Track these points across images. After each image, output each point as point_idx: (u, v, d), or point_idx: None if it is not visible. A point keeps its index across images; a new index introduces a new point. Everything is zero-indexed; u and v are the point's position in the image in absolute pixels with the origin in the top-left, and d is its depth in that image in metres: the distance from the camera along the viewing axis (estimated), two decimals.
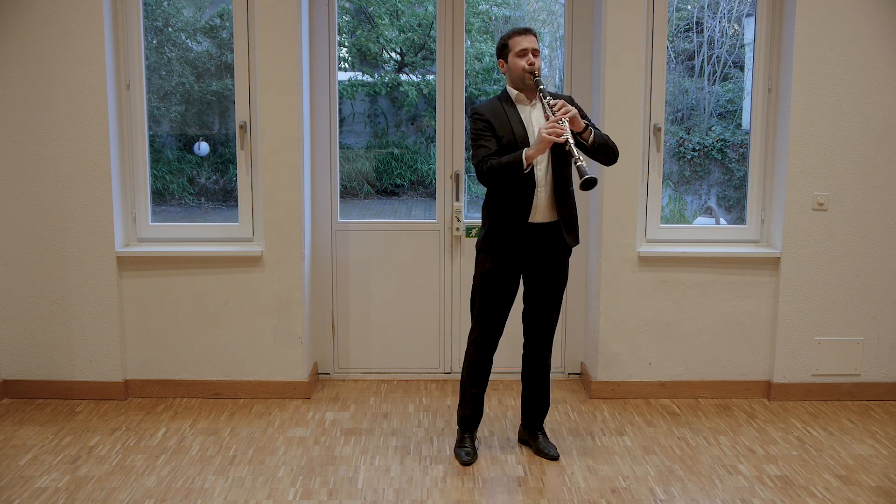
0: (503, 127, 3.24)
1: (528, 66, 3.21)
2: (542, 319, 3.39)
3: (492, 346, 3.39)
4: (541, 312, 3.39)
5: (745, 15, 4.69)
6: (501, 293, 3.31)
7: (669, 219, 4.63)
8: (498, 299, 3.32)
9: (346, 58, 4.87)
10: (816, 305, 4.09)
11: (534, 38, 3.27)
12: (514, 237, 3.24)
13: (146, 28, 4.15)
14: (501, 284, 3.30)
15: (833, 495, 3.15)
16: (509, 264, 3.29)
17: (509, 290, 3.33)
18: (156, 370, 4.15)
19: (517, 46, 3.24)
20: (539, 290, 3.36)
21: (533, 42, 3.25)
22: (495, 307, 3.32)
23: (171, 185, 4.63)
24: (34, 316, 4.06)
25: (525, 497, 3.13)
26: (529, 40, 3.24)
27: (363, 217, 4.67)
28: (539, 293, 3.36)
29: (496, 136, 3.24)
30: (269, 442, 3.62)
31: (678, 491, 3.18)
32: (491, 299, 3.31)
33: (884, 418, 3.94)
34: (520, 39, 3.25)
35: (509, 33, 3.30)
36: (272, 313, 4.10)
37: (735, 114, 4.80)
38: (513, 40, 3.26)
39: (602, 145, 3.22)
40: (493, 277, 3.30)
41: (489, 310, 3.32)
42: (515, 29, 3.30)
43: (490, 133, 3.24)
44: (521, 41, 3.24)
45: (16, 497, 3.09)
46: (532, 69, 3.21)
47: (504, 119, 3.25)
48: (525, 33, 3.27)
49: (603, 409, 4.05)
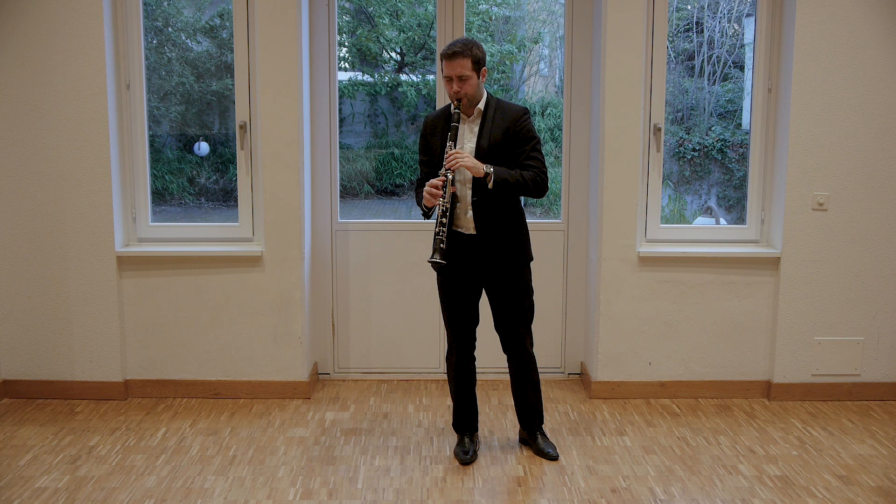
0: (436, 142, 3.30)
1: (451, 94, 3.17)
2: (508, 329, 3.39)
3: (465, 352, 3.41)
4: (505, 323, 3.39)
5: (745, 15, 4.69)
6: (455, 303, 3.35)
7: (669, 219, 4.63)
8: (455, 309, 3.36)
9: (346, 58, 4.87)
10: (816, 305, 4.09)
11: (462, 60, 3.11)
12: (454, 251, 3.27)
13: (146, 28, 4.14)
14: (453, 294, 3.35)
15: (833, 495, 3.15)
16: (456, 276, 3.32)
17: (464, 299, 3.35)
18: (156, 370, 4.15)
19: (444, 71, 3.18)
20: (498, 302, 3.38)
21: (458, 68, 3.11)
22: (455, 317, 3.38)
23: (171, 185, 4.63)
24: (34, 316, 4.06)
25: (525, 497, 3.13)
26: (452, 67, 3.12)
27: (363, 217, 4.67)
28: (498, 304, 3.38)
29: (431, 151, 3.31)
30: (269, 442, 3.63)
31: (678, 491, 3.18)
32: (449, 310, 3.38)
33: (884, 418, 3.94)
34: (445, 65, 3.16)
35: (441, 53, 3.20)
36: (272, 313, 4.10)
37: (735, 114, 4.80)
38: (442, 63, 3.19)
39: (507, 187, 3.15)
40: (445, 288, 3.38)
41: (451, 320, 3.39)
42: (445, 50, 3.17)
43: (426, 151, 3.34)
44: (447, 68, 3.15)
45: (16, 497, 3.09)
46: (456, 96, 3.16)
47: (439, 133, 3.28)
48: (451, 58, 3.12)
49: (603, 409, 4.05)
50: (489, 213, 3.25)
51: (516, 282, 3.33)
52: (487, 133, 3.22)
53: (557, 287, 4.38)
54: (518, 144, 3.23)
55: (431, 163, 3.33)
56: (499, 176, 3.13)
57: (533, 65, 5.04)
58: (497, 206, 3.25)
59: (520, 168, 3.22)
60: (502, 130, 3.22)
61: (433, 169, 3.31)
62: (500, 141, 3.21)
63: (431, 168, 3.33)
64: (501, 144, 3.21)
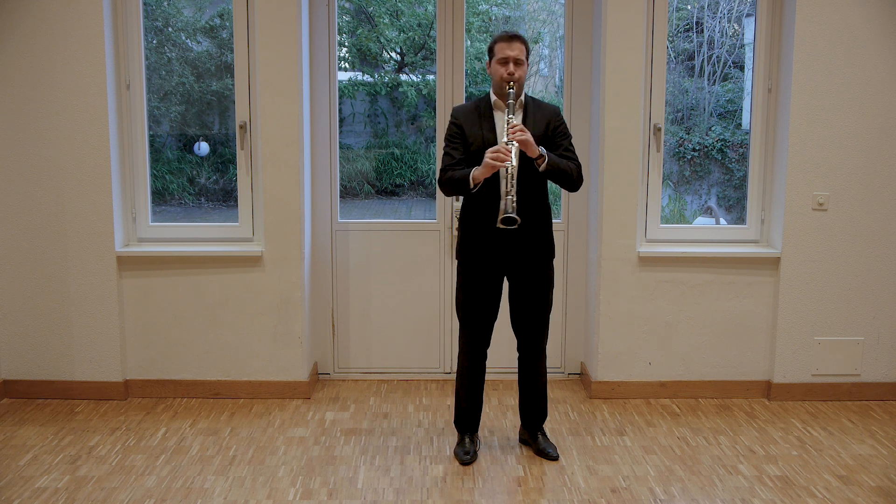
0: (474, 133, 3.26)
1: (505, 76, 3.19)
2: (528, 323, 3.39)
3: (478, 350, 3.40)
4: (525, 316, 3.39)
5: (745, 15, 4.69)
6: (481, 299, 3.34)
7: (669, 219, 4.63)
8: (479, 306, 3.34)
9: (346, 58, 4.87)
10: (816, 305, 4.09)
11: (520, 45, 3.20)
12: (486, 243, 3.27)
13: (146, 28, 4.14)
14: (479, 289, 3.33)
15: (833, 495, 3.15)
16: (484, 270, 3.31)
17: (489, 296, 3.34)
18: (156, 370, 4.15)
19: (499, 53, 3.20)
20: (520, 294, 3.37)
21: (517, 50, 3.18)
22: (477, 313, 3.35)
23: (171, 185, 4.63)
24: (34, 316, 4.06)
25: (525, 497, 3.13)
26: (513, 48, 3.18)
27: (363, 217, 4.67)
28: (521, 297, 3.37)
29: (466, 142, 3.27)
30: (269, 442, 3.63)
31: (678, 491, 3.18)
32: (471, 306, 3.35)
33: (884, 418, 3.94)
34: (503, 46, 3.20)
35: (496, 37, 3.25)
36: (272, 313, 4.10)
37: (735, 114, 4.80)
38: (497, 45, 3.22)
39: (556, 173, 3.20)
40: (471, 283, 3.34)
41: (471, 316, 3.36)
42: (503, 34, 3.24)
43: (459, 141, 3.28)
44: (504, 49, 3.20)
45: (16, 497, 3.09)
46: (510, 79, 3.18)
47: (477, 125, 3.26)
48: (510, 40, 3.20)
49: (603, 409, 4.05)
50: (528, 203, 3.25)
51: (545, 273, 3.36)
52: (530, 126, 3.24)
53: (557, 287, 4.37)
54: (557, 139, 3.30)
55: (467, 153, 3.26)
56: (551, 160, 3.18)
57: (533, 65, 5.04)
58: (535, 196, 3.27)
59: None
60: (544, 124, 3.27)
61: (470, 159, 3.25)
62: (542, 134, 3.26)
63: (466, 158, 3.26)
64: (543, 138, 3.26)
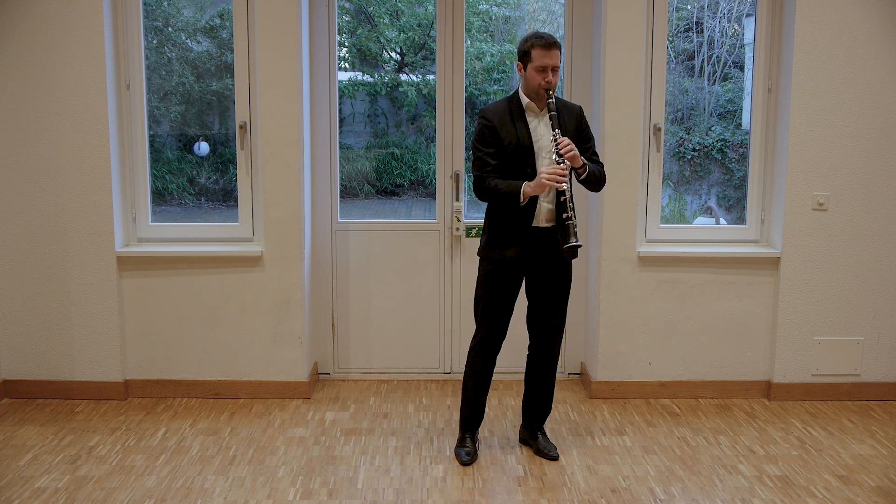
0: (509, 133, 3.23)
1: (544, 84, 3.18)
2: (548, 323, 3.40)
3: (494, 349, 3.39)
4: (546, 316, 3.39)
5: (745, 15, 4.69)
6: (504, 298, 3.32)
7: (669, 219, 4.63)
8: (501, 304, 3.33)
9: (346, 58, 4.87)
10: (816, 305, 4.09)
11: (558, 53, 3.18)
12: (517, 242, 3.26)
13: (146, 28, 4.14)
14: (504, 289, 3.31)
15: (833, 495, 3.15)
16: (512, 269, 3.30)
17: (511, 295, 3.34)
18: (156, 370, 4.15)
19: (538, 60, 3.17)
20: (543, 294, 3.36)
21: (555, 59, 3.17)
22: (498, 312, 3.33)
23: (171, 185, 4.62)
24: (34, 316, 4.06)
25: (525, 497, 3.13)
26: (552, 57, 3.16)
27: (363, 217, 4.67)
28: (543, 297, 3.37)
29: (501, 143, 3.23)
30: (269, 442, 3.63)
31: (678, 491, 3.18)
32: (494, 304, 3.32)
33: (884, 418, 3.94)
34: (542, 54, 3.16)
35: (534, 42, 3.19)
36: (272, 313, 4.10)
37: (735, 114, 4.80)
38: (536, 52, 3.17)
39: (591, 180, 3.26)
40: (497, 283, 3.31)
41: (493, 314, 3.33)
42: (541, 40, 3.18)
43: (494, 144, 3.24)
44: (544, 58, 3.16)
45: (16, 497, 3.09)
46: (548, 86, 3.18)
47: (511, 125, 3.24)
48: (549, 48, 3.16)
49: (603, 409, 4.05)
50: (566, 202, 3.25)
51: (566, 275, 3.38)
52: (564, 129, 3.24)
53: None
54: (585, 139, 3.33)
55: (499, 155, 3.25)
56: (589, 167, 3.23)
57: None
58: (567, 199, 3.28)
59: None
60: (574, 125, 3.29)
61: (501, 162, 3.25)
62: (573, 135, 3.27)
63: (499, 161, 3.25)
64: (574, 138, 3.26)
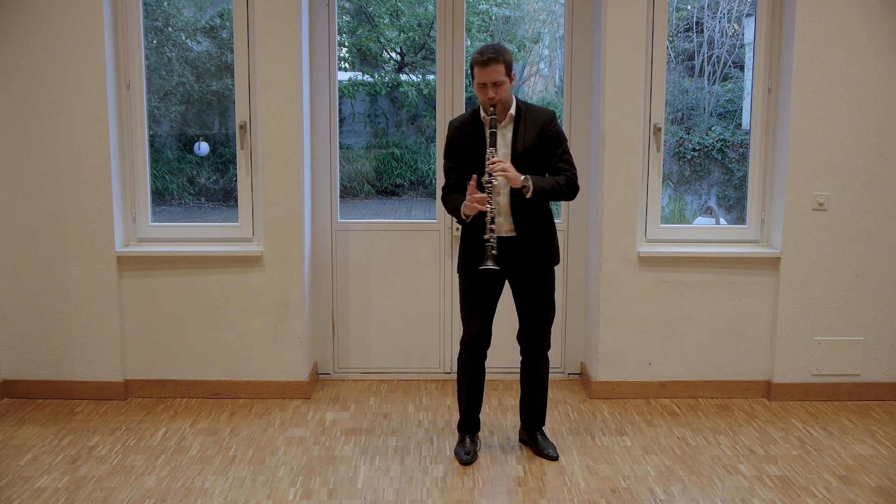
0: (467, 146, 3.26)
1: (486, 101, 3.15)
2: (529, 328, 3.42)
3: (478, 350, 3.40)
4: (526, 321, 3.42)
5: (745, 15, 4.69)
6: (479, 302, 3.35)
7: (669, 219, 4.63)
8: (476, 308, 3.36)
9: (346, 58, 4.88)
10: (816, 305, 4.09)
11: (497, 66, 3.08)
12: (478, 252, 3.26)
13: (146, 28, 4.14)
14: (478, 294, 3.35)
15: (833, 495, 3.15)
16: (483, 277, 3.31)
17: (486, 299, 3.36)
18: (156, 370, 4.15)
19: (476, 78, 3.14)
20: (522, 300, 3.39)
21: (493, 75, 3.07)
22: (475, 315, 3.36)
23: (171, 185, 4.63)
24: (34, 316, 4.06)
25: (525, 497, 3.13)
26: (489, 73, 3.08)
27: (363, 217, 4.67)
28: (522, 303, 3.40)
29: (460, 156, 3.27)
30: (269, 442, 3.63)
31: (678, 491, 3.18)
32: (470, 308, 3.37)
33: (884, 418, 3.94)
34: (479, 72, 3.11)
35: (474, 58, 3.14)
36: (272, 313, 4.10)
37: (735, 114, 4.80)
38: (475, 69, 3.14)
39: (544, 195, 3.20)
40: (470, 289, 3.36)
41: (469, 318, 3.38)
42: (480, 56, 3.11)
43: (454, 157, 3.30)
44: (482, 75, 3.11)
45: (16, 497, 3.09)
46: (490, 102, 3.13)
47: (469, 138, 3.26)
48: (486, 65, 3.08)
49: (603, 409, 4.05)
50: (526, 215, 3.27)
51: (546, 283, 3.36)
52: (521, 138, 3.22)
53: (558, 287, 4.37)
54: (550, 148, 3.25)
55: (459, 169, 3.29)
56: (536, 185, 3.16)
57: (533, 65, 5.04)
58: (533, 208, 3.27)
59: (552, 172, 3.26)
60: (535, 135, 3.23)
61: (461, 175, 3.29)
62: (533, 146, 3.23)
63: (459, 175, 3.30)
64: (535, 149, 3.23)
